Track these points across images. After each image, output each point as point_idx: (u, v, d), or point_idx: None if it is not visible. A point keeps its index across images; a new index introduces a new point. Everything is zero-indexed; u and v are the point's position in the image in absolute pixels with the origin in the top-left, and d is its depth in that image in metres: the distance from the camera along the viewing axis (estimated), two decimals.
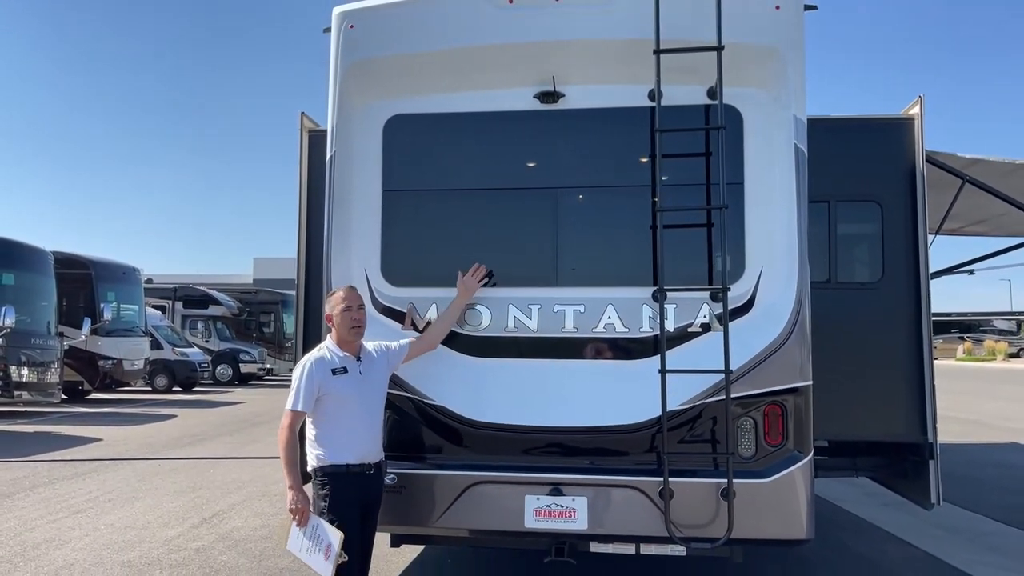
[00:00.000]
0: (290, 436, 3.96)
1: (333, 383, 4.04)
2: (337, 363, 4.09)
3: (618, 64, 4.55)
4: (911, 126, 5.51)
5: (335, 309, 4.15)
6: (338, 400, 4.05)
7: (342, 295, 4.17)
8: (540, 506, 4.35)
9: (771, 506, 4.29)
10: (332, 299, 4.22)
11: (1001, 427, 16.50)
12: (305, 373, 4.03)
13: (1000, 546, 7.07)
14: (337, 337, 4.16)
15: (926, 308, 5.41)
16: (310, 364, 4.06)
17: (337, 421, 4.06)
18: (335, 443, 4.05)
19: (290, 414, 4.00)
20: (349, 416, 4.07)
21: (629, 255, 4.66)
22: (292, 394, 4.01)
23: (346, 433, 4.06)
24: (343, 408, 4.06)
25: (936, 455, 5.27)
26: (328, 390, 4.03)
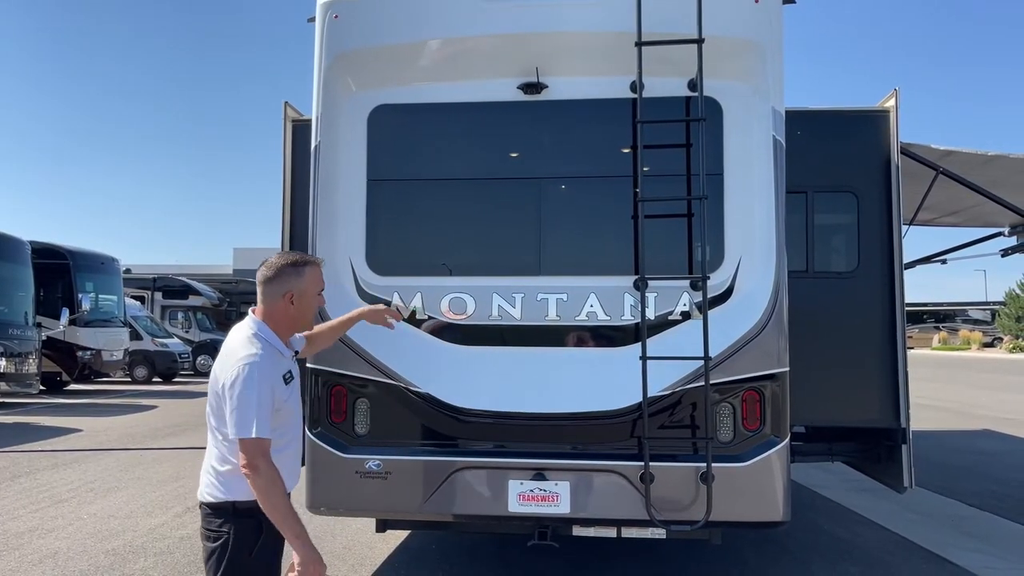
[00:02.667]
0: (273, 472, 2.78)
1: (285, 393, 2.95)
2: (284, 365, 2.98)
3: (601, 56, 4.61)
4: (886, 118, 5.61)
5: (307, 287, 3.01)
6: (286, 414, 2.97)
7: (320, 271, 3.11)
8: (523, 491, 4.43)
9: (749, 489, 4.39)
10: (304, 272, 3.01)
11: (975, 415, 16.81)
12: (257, 384, 2.79)
13: (973, 530, 7.24)
14: (285, 326, 3.02)
15: (900, 297, 5.53)
16: (258, 372, 2.81)
17: (281, 440, 2.95)
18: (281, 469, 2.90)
19: (258, 443, 2.76)
20: (293, 435, 3.07)
21: (611, 244, 4.74)
22: (249, 415, 2.76)
23: (290, 459, 3.02)
24: (287, 423, 3.00)
25: (909, 440, 5.40)
26: (282, 403, 2.92)
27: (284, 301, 2.96)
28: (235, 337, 2.95)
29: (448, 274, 4.75)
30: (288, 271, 2.97)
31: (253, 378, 2.78)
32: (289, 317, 2.99)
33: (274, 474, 2.78)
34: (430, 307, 4.66)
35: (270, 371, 2.85)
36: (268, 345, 2.91)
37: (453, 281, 4.70)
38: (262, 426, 2.77)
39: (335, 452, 4.61)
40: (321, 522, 7.02)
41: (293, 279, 2.97)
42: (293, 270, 2.98)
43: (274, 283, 2.96)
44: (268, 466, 2.77)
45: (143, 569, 5.86)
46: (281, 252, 3.06)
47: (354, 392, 4.66)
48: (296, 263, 3.01)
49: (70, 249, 20.81)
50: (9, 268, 16.82)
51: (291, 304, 2.97)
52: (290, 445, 3.04)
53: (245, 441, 2.76)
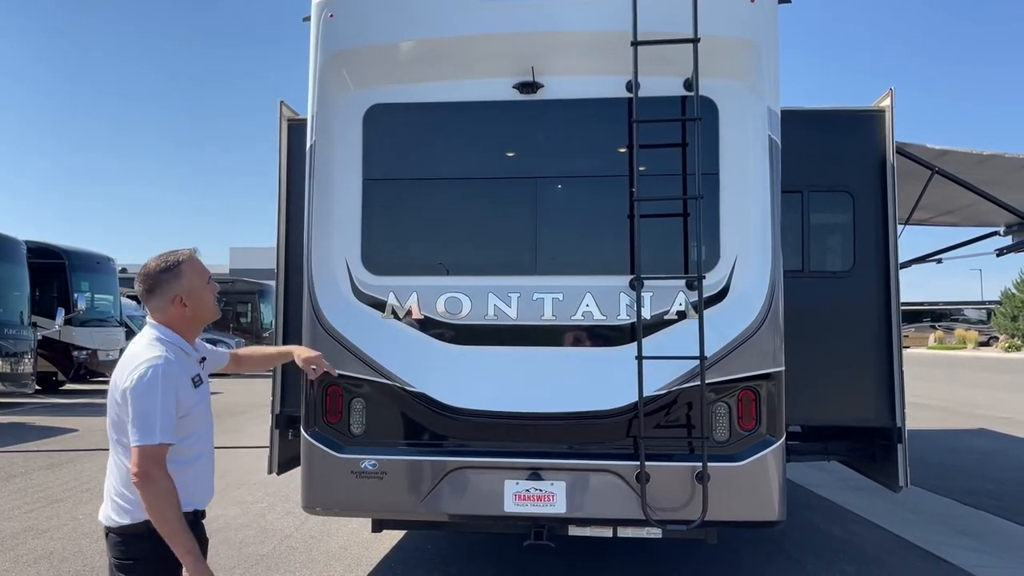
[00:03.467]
0: (168, 483, 2.60)
1: (194, 397, 2.79)
2: (192, 368, 2.83)
3: (596, 55, 4.61)
4: (882, 118, 5.61)
5: (192, 283, 2.84)
6: (195, 422, 2.81)
7: (198, 260, 2.92)
8: (519, 490, 4.43)
9: (744, 489, 4.39)
10: (181, 271, 2.83)
11: (970, 414, 16.84)
12: (161, 386, 2.63)
13: (968, 529, 7.25)
14: (187, 328, 2.86)
15: (895, 296, 5.53)
16: (163, 372, 2.65)
17: (190, 451, 2.79)
18: (187, 483, 2.74)
19: (156, 451, 2.59)
20: (204, 447, 2.89)
21: (607, 244, 4.74)
22: (152, 419, 2.60)
23: (201, 472, 2.87)
24: (199, 431, 2.84)
25: (904, 439, 5.40)
26: (189, 409, 2.76)
27: (176, 305, 2.81)
28: (136, 343, 2.80)
29: (444, 274, 4.74)
30: (165, 277, 2.82)
31: (156, 381, 2.63)
32: (187, 318, 2.85)
33: (169, 485, 2.60)
34: (426, 307, 4.65)
35: (175, 374, 2.70)
36: (173, 347, 2.77)
37: (449, 281, 4.69)
38: (165, 431, 2.61)
39: (331, 452, 4.61)
40: (317, 522, 7.03)
41: (173, 283, 2.82)
42: (170, 274, 2.82)
43: (156, 294, 2.81)
44: (163, 476, 2.60)
45: None
46: (154, 257, 2.87)
47: (350, 392, 4.65)
48: (169, 266, 2.83)
49: (66, 248, 20.74)
50: (4, 268, 16.76)
51: (184, 306, 2.82)
52: (201, 457, 2.85)
53: (143, 448, 2.58)
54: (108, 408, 2.76)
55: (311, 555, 6.20)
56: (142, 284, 2.82)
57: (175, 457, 2.68)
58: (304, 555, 6.20)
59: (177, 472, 2.67)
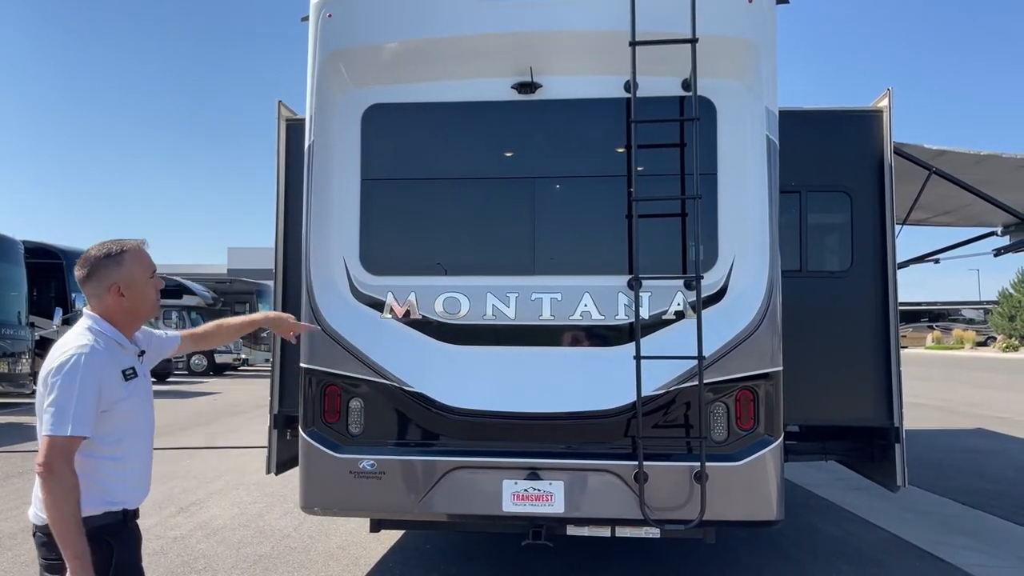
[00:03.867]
0: (72, 479, 2.46)
1: (123, 391, 2.65)
2: (126, 360, 2.72)
3: (595, 55, 4.62)
4: (880, 118, 5.62)
5: (133, 274, 2.73)
6: (124, 417, 2.67)
7: (145, 252, 2.82)
8: (518, 490, 4.43)
9: (742, 488, 4.40)
10: (124, 260, 2.72)
11: (968, 413, 16.86)
12: (81, 376, 2.52)
13: (966, 528, 7.26)
14: (123, 320, 2.75)
15: (893, 296, 5.54)
16: (86, 361, 2.54)
17: (118, 448, 2.66)
18: (113, 481, 2.64)
19: (64, 443, 2.46)
20: (137, 438, 2.76)
21: (605, 244, 4.74)
22: (66, 409, 2.48)
23: (131, 466, 2.72)
24: (130, 427, 2.70)
25: (902, 439, 5.41)
26: (115, 403, 2.61)
27: (112, 295, 2.69)
28: (70, 331, 2.71)
29: (442, 273, 4.75)
30: (105, 263, 2.70)
31: (77, 369, 2.51)
32: (124, 309, 2.72)
33: (72, 481, 2.45)
34: (424, 306, 4.65)
35: (101, 364, 2.58)
36: (104, 337, 2.66)
37: (447, 280, 4.70)
38: (79, 423, 2.48)
39: (329, 452, 4.61)
40: (315, 522, 7.03)
41: (113, 270, 2.70)
42: (110, 261, 2.70)
43: (93, 280, 2.70)
44: (67, 471, 2.45)
45: None
46: (95, 245, 2.76)
47: (348, 392, 4.65)
48: (111, 253, 2.72)
49: (63, 248, 20.73)
50: (2, 268, 16.74)
51: (121, 296, 2.70)
52: (131, 454, 2.69)
53: (52, 439, 2.45)
54: (36, 398, 2.64)
55: (309, 555, 6.20)
56: (81, 269, 2.72)
57: (96, 452, 2.57)
58: (302, 555, 6.20)
59: (98, 468, 2.57)
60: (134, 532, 2.74)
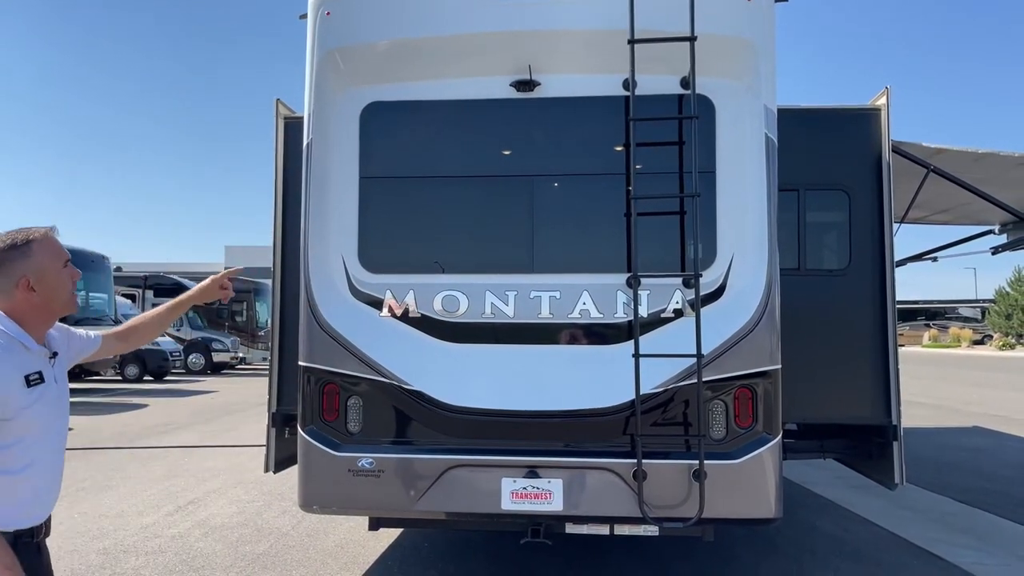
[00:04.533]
0: None
1: (26, 399, 2.36)
2: (30, 364, 2.41)
3: (593, 54, 4.61)
4: (878, 116, 5.63)
5: (44, 264, 2.46)
6: (29, 426, 2.37)
7: (55, 240, 2.53)
8: (516, 488, 4.43)
9: (741, 486, 4.40)
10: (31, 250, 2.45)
11: (964, 411, 16.90)
12: None
13: (963, 526, 7.28)
14: (35, 317, 2.47)
15: (891, 295, 5.54)
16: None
17: (16, 460, 2.36)
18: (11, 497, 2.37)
19: None
20: (41, 450, 2.44)
21: (604, 242, 4.74)
22: None
23: (29, 481, 2.41)
24: (33, 437, 2.40)
25: (900, 437, 5.42)
26: (16, 410, 2.33)
27: (21, 290, 2.41)
28: None
29: (441, 272, 4.74)
30: (11, 255, 2.42)
31: None
32: (35, 306, 2.44)
33: None
34: (423, 305, 4.65)
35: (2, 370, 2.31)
36: (6, 337, 2.37)
37: (446, 279, 4.69)
38: None
39: (327, 450, 4.60)
40: (314, 520, 7.03)
41: (20, 262, 2.42)
42: (17, 252, 2.42)
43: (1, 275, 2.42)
44: None
45: (135, 568, 5.84)
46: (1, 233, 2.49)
47: (346, 390, 4.65)
48: (16, 243, 2.43)
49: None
50: None
51: (31, 291, 2.42)
52: (33, 467, 2.39)
53: None
54: None
55: (308, 553, 6.20)
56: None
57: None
58: (301, 553, 6.20)
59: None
60: (27, 557, 2.37)
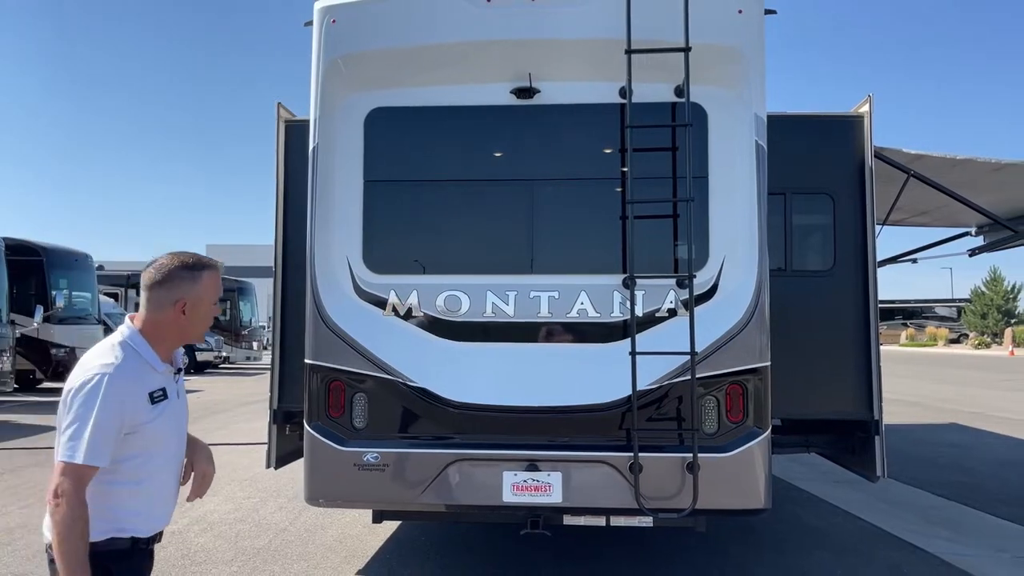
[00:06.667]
0: (82, 510, 2.27)
1: (149, 414, 2.45)
2: (156, 382, 2.50)
3: (591, 62, 4.78)
4: (861, 123, 5.83)
5: (204, 295, 2.56)
6: (150, 440, 2.47)
7: (219, 276, 2.63)
8: (517, 481, 4.59)
9: (732, 478, 4.59)
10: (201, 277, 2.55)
11: (942, 408, 17.25)
12: (102, 399, 2.32)
13: (942, 519, 7.53)
14: (170, 338, 2.55)
15: (873, 294, 5.75)
16: (108, 382, 2.34)
17: (139, 472, 2.46)
18: (126, 509, 2.44)
19: (77, 471, 2.28)
20: (161, 463, 2.53)
21: (601, 244, 4.92)
22: (80, 434, 2.29)
23: (149, 492, 2.50)
24: (153, 451, 2.49)
25: (882, 431, 5.63)
26: (139, 425, 2.42)
27: (174, 310, 2.50)
28: (98, 345, 2.51)
29: (443, 272, 4.89)
30: (182, 275, 2.51)
31: (98, 391, 2.31)
32: (178, 328, 2.53)
33: (81, 513, 2.26)
34: (426, 304, 4.80)
35: (126, 386, 2.37)
36: (135, 355, 2.45)
37: (448, 279, 4.84)
38: (93, 452, 2.28)
39: (333, 445, 4.74)
40: (312, 516, 7.15)
41: (187, 285, 2.51)
42: (188, 274, 2.52)
43: (163, 288, 2.50)
44: (78, 502, 2.25)
45: None
46: (173, 252, 2.59)
47: (352, 387, 4.79)
48: (192, 266, 2.53)
49: (43, 245, 20.54)
50: None
51: (182, 314, 2.50)
52: (153, 478, 2.48)
53: (66, 465, 2.26)
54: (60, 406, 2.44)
55: (307, 547, 6.33)
56: (155, 273, 2.52)
57: (112, 477, 2.37)
58: (300, 548, 6.32)
59: (111, 493, 2.38)
60: (141, 561, 2.51)
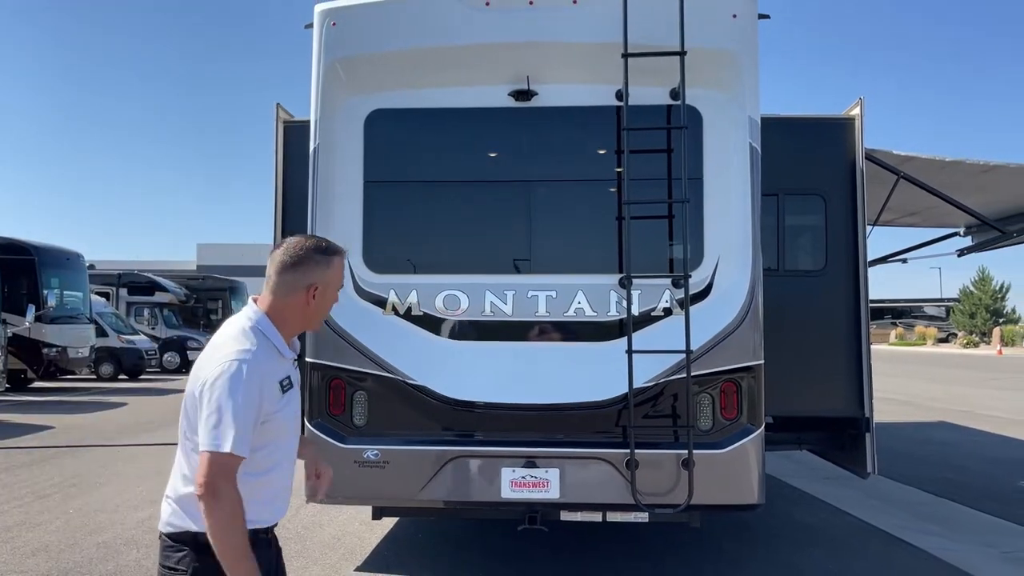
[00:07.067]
0: (238, 498, 2.21)
1: (279, 403, 2.37)
2: (284, 369, 2.41)
3: (588, 65, 4.86)
4: (852, 125, 5.94)
5: (332, 280, 2.43)
6: (278, 430, 2.39)
7: (344, 261, 2.51)
8: (516, 477, 4.67)
9: (727, 474, 4.69)
10: (333, 262, 2.43)
11: (931, 407, 17.42)
12: (244, 387, 2.24)
13: (930, 515, 7.65)
14: (295, 323, 2.45)
15: (864, 294, 5.86)
16: (248, 370, 2.26)
17: (266, 462, 2.37)
18: (253, 500, 2.31)
19: (226, 461, 2.19)
20: (284, 453, 2.46)
21: (598, 244, 5.01)
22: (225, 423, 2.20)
23: (277, 484, 2.45)
24: (280, 441, 2.42)
25: (872, 428, 5.73)
26: (271, 415, 2.34)
27: (305, 295, 2.38)
28: (226, 330, 2.41)
29: (442, 272, 4.96)
30: (316, 259, 2.39)
31: (240, 379, 2.23)
32: (304, 314, 2.42)
33: (238, 504, 2.19)
34: (425, 303, 4.87)
35: (262, 373, 2.29)
36: (266, 342, 2.35)
37: (447, 279, 4.91)
38: (240, 441, 2.19)
39: (334, 443, 4.81)
40: (309, 513, 7.20)
41: (321, 269, 2.39)
42: (323, 258, 2.40)
43: (297, 271, 2.37)
44: (233, 493, 2.19)
45: (136, 560, 5.98)
46: (304, 235, 2.52)
47: (352, 385, 4.85)
48: (325, 250, 2.42)
49: (35, 244, 20.51)
50: None
51: (312, 299, 2.38)
52: (278, 467, 2.42)
53: (213, 455, 2.18)
54: (185, 402, 2.38)
55: (306, 544, 6.38)
56: (287, 256, 2.39)
57: (243, 468, 2.25)
58: (298, 545, 6.37)
59: (243, 484, 2.25)
60: (267, 550, 2.41)
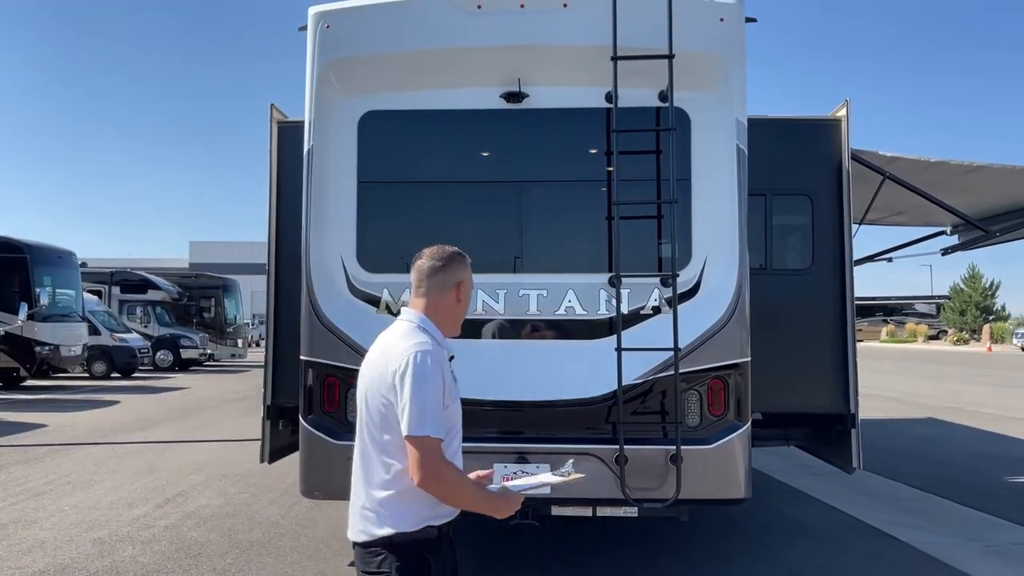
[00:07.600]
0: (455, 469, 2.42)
1: (452, 395, 2.49)
2: (450, 365, 2.54)
3: (578, 68, 4.94)
4: (838, 126, 6.04)
5: (470, 277, 2.68)
6: (452, 422, 2.51)
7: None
8: (507, 473, 4.74)
9: (714, 469, 4.78)
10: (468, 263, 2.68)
11: (920, 404, 17.60)
12: (431, 374, 2.36)
13: (917, 510, 7.76)
14: (447, 322, 2.62)
15: (850, 292, 5.96)
16: (432, 360, 2.39)
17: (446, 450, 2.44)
18: None
19: (434, 444, 2.34)
20: (456, 448, 2.55)
21: (587, 244, 5.09)
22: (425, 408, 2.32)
23: None
24: (453, 433, 2.52)
25: (857, 424, 5.83)
26: (447, 405, 2.45)
27: (455, 292, 2.60)
28: (392, 332, 2.56)
29: None
30: (459, 259, 2.63)
31: (425, 367, 2.35)
32: (453, 313, 2.62)
33: (456, 471, 2.39)
34: None
35: (442, 363, 2.44)
36: (434, 336, 2.51)
37: None
38: (436, 424, 2.34)
39: (328, 439, 4.88)
40: (303, 511, 7.27)
41: (463, 269, 2.63)
42: (461, 259, 2.64)
43: (447, 271, 2.59)
44: (450, 467, 2.37)
45: (132, 556, 6.04)
46: (436, 246, 2.70)
47: (346, 383, 4.92)
48: (461, 253, 2.66)
49: (27, 242, 20.49)
50: None
51: (458, 298, 2.61)
52: (455, 458, 2.50)
53: (422, 442, 2.30)
54: (367, 404, 2.48)
55: (300, 541, 6.45)
56: (434, 261, 2.60)
57: None
58: (293, 540, 6.45)
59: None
60: (448, 549, 2.53)
